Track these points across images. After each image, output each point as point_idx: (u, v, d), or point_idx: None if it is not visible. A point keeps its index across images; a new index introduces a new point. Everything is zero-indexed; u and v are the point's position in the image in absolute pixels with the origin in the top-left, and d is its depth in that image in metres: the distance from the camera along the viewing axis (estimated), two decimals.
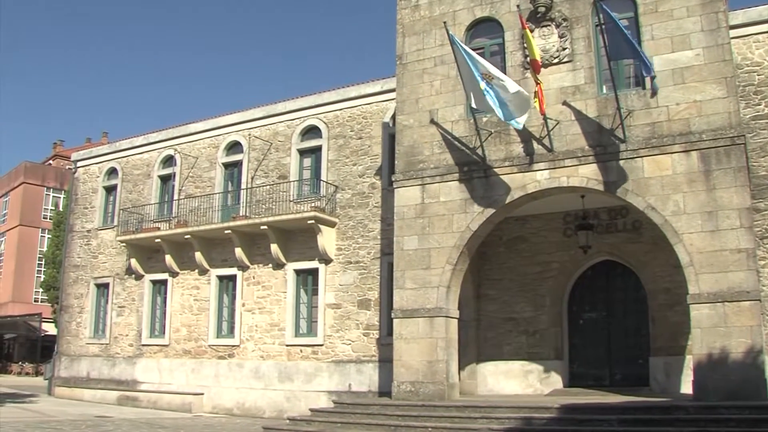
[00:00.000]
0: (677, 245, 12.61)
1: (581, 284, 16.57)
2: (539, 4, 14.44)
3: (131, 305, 23.41)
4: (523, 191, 14.13)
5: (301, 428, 13.94)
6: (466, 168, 14.79)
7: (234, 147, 22.37)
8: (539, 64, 13.50)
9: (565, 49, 14.29)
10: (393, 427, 12.80)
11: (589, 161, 13.57)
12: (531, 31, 13.86)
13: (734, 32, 14.37)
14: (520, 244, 17.00)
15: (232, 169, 22.41)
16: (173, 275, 22.34)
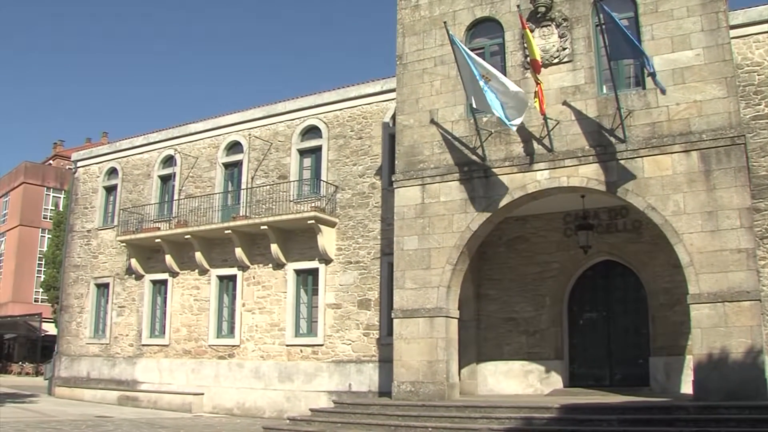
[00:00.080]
0: (677, 245, 12.61)
1: (581, 284, 16.58)
2: (539, 4, 14.44)
3: (131, 305, 23.42)
4: (523, 191, 14.14)
5: (301, 428, 13.94)
6: (466, 168, 14.79)
7: (234, 147, 22.38)
8: (539, 64, 13.50)
9: (565, 49, 14.29)
10: (393, 427, 12.80)
11: (590, 161, 13.58)
12: (531, 31, 13.87)
13: (734, 32, 14.37)
14: (520, 244, 17.00)
15: (232, 169, 22.42)
16: (173, 275, 22.36)
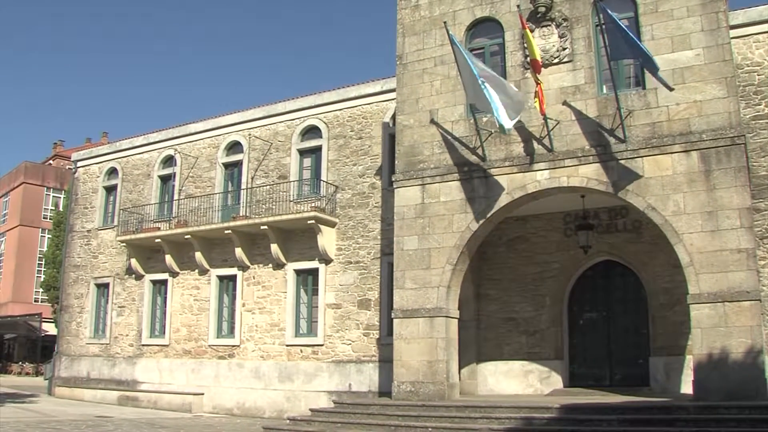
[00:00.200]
0: (677, 245, 12.61)
1: (581, 284, 16.58)
2: (539, 4, 14.44)
3: (131, 305, 23.42)
4: (523, 191, 14.14)
5: (301, 428, 13.94)
6: (466, 168, 14.79)
7: (234, 147, 22.38)
8: (539, 64, 13.50)
9: (565, 49, 14.29)
10: (393, 427, 12.80)
11: (590, 161, 13.57)
12: (531, 31, 13.87)
13: (734, 32, 14.37)
14: (520, 244, 17.00)
15: (232, 169, 22.42)
16: (173, 275, 22.35)
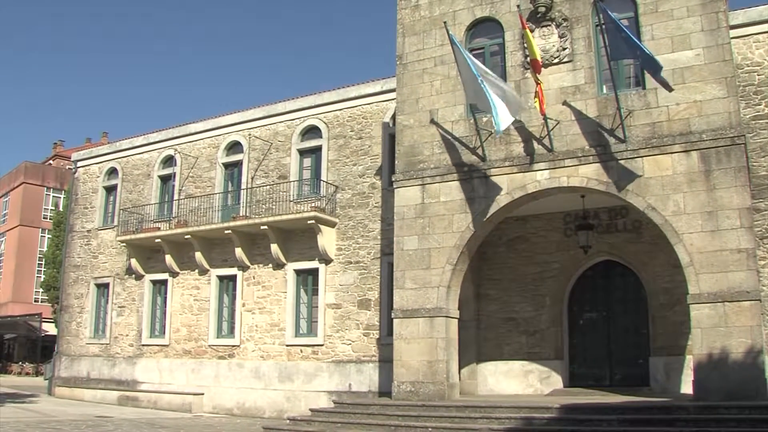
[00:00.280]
0: (677, 245, 12.61)
1: (581, 284, 16.58)
2: (539, 4, 14.43)
3: (131, 305, 23.42)
4: (524, 191, 14.13)
5: (301, 428, 13.94)
6: (466, 168, 14.79)
7: (234, 147, 22.38)
8: (539, 64, 13.50)
9: (565, 49, 14.29)
10: (393, 427, 12.80)
11: (590, 161, 13.57)
12: (531, 31, 13.87)
13: (734, 32, 14.37)
14: (520, 244, 17.00)
15: (232, 169, 22.42)
16: (173, 275, 22.35)
